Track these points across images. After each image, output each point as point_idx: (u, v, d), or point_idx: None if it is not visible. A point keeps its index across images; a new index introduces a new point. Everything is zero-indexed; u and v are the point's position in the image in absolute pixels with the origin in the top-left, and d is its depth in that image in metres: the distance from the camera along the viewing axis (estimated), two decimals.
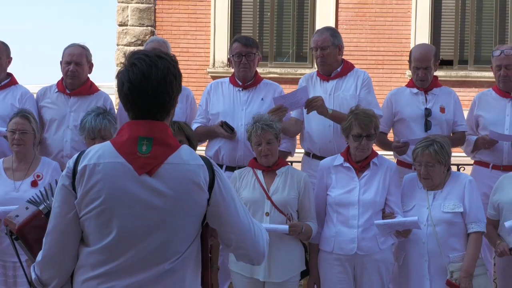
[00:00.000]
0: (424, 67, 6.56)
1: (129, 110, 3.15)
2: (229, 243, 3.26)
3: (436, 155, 5.52)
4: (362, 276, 5.66)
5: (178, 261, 3.09)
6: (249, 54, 6.47)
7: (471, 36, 14.87)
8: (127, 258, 3.05)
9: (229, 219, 3.19)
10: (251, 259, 3.32)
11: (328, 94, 6.48)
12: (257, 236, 3.26)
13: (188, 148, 3.17)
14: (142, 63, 3.06)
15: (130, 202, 3.04)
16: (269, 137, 5.62)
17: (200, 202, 3.11)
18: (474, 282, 5.45)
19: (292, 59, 15.07)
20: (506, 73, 6.54)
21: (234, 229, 3.21)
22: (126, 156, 3.06)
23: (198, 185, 3.08)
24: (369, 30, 14.76)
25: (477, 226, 5.56)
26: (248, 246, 3.25)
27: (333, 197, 5.71)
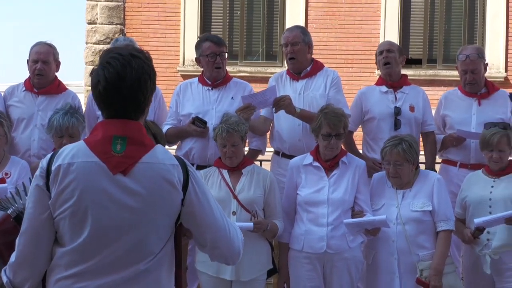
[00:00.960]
0: (387, 49, 6.65)
1: (103, 109, 3.13)
2: (204, 243, 3.26)
3: (405, 154, 5.55)
4: (332, 274, 5.67)
5: (152, 262, 3.08)
6: (222, 54, 6.46)
7: (440, 35, 14.97)
8: (101, 258, 3.04)
9: (204, 219, 3.18)
10: (226, 259, 3.32)
11: (297, 93, 6.49)
12: (232, 236, 3.26)
13: (162, 148, 3.16)
14: (117, 63, 3.05)
15: (104, 202, 3.02)
16: (234, 139, 5.63)
17: (174, 202, 3.10)
18: (444, 280, 5.49)
19: (262, 58, 15.09)
20: (473, 77, 6.58)
21: (209, 229, 3.20)
22: (100, 155, 3.04)
23: (172, 184, 3.07)
24: (338, 29, 14.81)
25: (446, 224, 5.60)
26: (224, 246, 3.25)
27: (302, 196, 5.72)
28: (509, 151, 5.76)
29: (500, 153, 5.68)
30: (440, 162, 6.89)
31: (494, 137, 5.67)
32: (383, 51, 6.67)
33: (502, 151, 5.69)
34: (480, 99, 6.64)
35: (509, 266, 5.63)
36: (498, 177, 5.75)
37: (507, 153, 5.74)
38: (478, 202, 5.70)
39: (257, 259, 5.64)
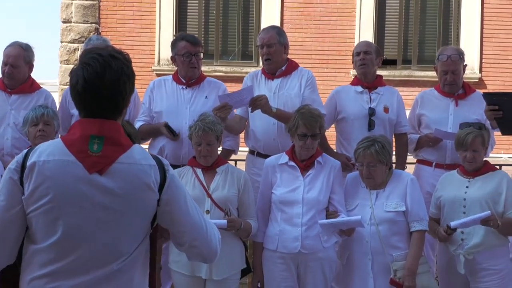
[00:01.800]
0: (364, 51, 6.65)
1: (81, 109, 3.11)
2: (182, 242, 3.25)
3: (378, 155, 5.56)
4: (306, 274, 5.67)
5: (126, 262, 3.07)
6: (197, 54, 6.45)
7: (415, 36, 15.04)
8: (75, 257, 3.02)
9: (182, 219, 3.18)
10: (204, 257, 3.33)
11: (272, 92, 6.49)
12: (210, 235, 3.26)
13: (140, 148, 3.15)
14: (96, 63, 3.04)
15: (78, 201, 3.01)
16: (210, 138, 5.63)
17: (150, 203, 3.09)
18: (418, 280, 5.50)
19: (238, 57, 15.10)
20: (453, 78, 6.60)
21: (187, 229, 3.20)
22: (77, 155, 3.03)
23: (148, 185, 3.06)
24: (313, 30, 14.84)
25: (419, 224, 5.61)
26: (201, 244, 3.25)
27: (277, 195, 5.72)
28: (483, 151, 5.78)
29: (474, 153, 5.70)
30: (415, 162, 6.91)
31: (468, 137, 5.69)
32: (361, 52, 6.68)
33: (476, 151, 5.71)
34: (457, 100, 6.67)
35: (483, 266, 5.64)
36: (473, 177, 5.77)
37: (481, 153, 5.76)
38: (452, 202, 5.72)
39: (231, 259, 5.63)
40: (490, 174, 5.80)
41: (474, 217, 5.51)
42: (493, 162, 6.25)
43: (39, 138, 5.87)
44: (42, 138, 5.79)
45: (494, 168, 5.90)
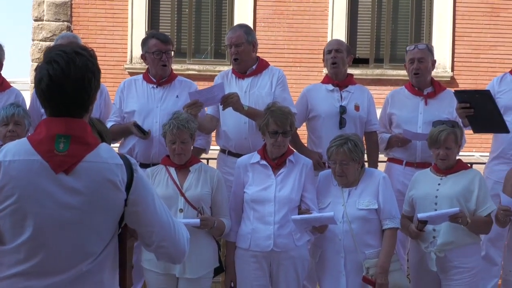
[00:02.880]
0: (335, 49, 6.66)
1: (46, 107, 3.07)
2: (149, 242, 3.23)
3: (350, 153, 5.57)
4: (278, 273, 5.67)
5: (95, 263, 3.04)
6: (168, 52, 6.43)
7: (387, 35, 15.10)
8: (43, 258, 2.99)
9: (149, 219, 3.15)
10: (172, 258, 3.30)
11: (243, 91, 6.48)
12: (178, 235, 3.24)
13: (107, 147, 3.12)
14: (60, 60, 3.00)
15: (45, 201, 2.97)
16: (184, 136, 5.62)
17: (117, 202, 3.06)
18: (390, 278, 5.51)
19: (211, 56, 15.08)
20: (419, 67, 6.61)
21: (154, 229, 3.17)
22: (43, 154, 2.99)
23: (114, 184, 3.03)
24: (286, 28, 14.85)
25: (391, 222, 5.63)
26: (169, 245, 3.22)
27: (249, 194, 5.72)
28: (456, 149, 5.79)
29: (447, 150, 5.72)
30: (386, 160, 6.93)
31: (441, 134, 5.71)
32: (332, 50, 6.69)
33: (449, 149, 5.72)
34: (427, 98, 6.68)
35: (454, 264, 5.65)
36: (446, 175, 5.79)
37: (454, 151, 5.78)
38: (424, 198, 5.74)
39: (204, 257, 5.63)
40: (463, 172, 5.81)
41: (442, 212, 5.53)
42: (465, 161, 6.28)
43: (9, 138, 5.84)
44: (12, 138, 5.75)
45: (466, 167, 5.92)
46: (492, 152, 6.71)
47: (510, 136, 6.39)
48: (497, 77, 6.79)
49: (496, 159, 6.62)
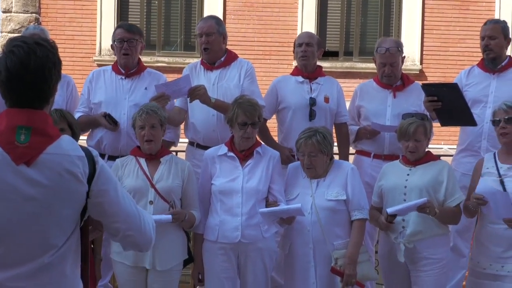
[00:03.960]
0: (306, 43, 6.67)
1: (6, 98, 3.05)
2: (116, 232, 3.21)
3: (319, 145, 5.59)
4: (246, 264, 5.68)
5: (56, 255, 3.02)
6: (131, 40, 6.40)
7: (357, 28, 15.13)
8: (5, 249, 2.96)
9: (114, 210, 3.14)
10: (139, 246, 3.30)
11: (211, 83, 6.48)
12: (144, 223, 3.24)
13: (69, 138, 3.09)
14: (20, 51, 2.97)
15: (6, 193, 2.94)
16: (153, 121, 5.60)
17: (78, 194, 3.04)
18: (358, 269, 5.54)
19: (180, 48, 15.03)
20: (391, 70, 6.63)
21: (120, 219, 3.17)
22: (4, 145, 2.96)
23: (76, 176, 3.01)
24: (256, 21, 14.84)
25: (360, 213, 5.66)
26: (136, 234, 3.22)
27: (217, 186, 5.71)
28: (425, 142, 5.83)
29: (416, 143, 5.75)
30: (354, 152, 6.95)
31: (411, 127, 5.74)
32: (303, 43, 6.69)
33: (418, 141, 5.75)
34: (395, 91, 6.70)
35: (423, 255, 5.68)
36: (414, 166, 5.82)
37: (424, 143, 5.81)
38: (393, 189, 5.76)
39: (173, 249, 5.63)
40: (432, 163, 5.85)
41: (411, 203, 5.57)
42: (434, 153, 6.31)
43: None
44: None
45: (435, 158, 5.95)
46: (460, 145, 6.75)
47: (478, 128, 6.44)
48: (464, 70, 6.82)
49: (463, 152, 6.65)
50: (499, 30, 6.57)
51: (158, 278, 5.60)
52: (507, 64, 6.62)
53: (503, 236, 5.63)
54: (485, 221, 5.75)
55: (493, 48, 6.54)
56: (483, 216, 5.75)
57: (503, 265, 5.64)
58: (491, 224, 5.70)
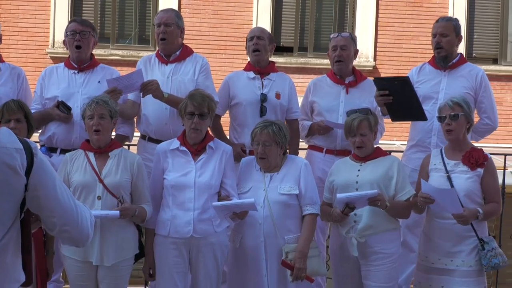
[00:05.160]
0: (257, 36, 6.70)
1: None
2: (52, 227, 3.18)
3: (274, 135, 5.62)
4: (197, 259, 5.68)
5: None
6: (83, 32, 6.38)
7: (311, 24, 15.18)
8: None
9: (50, 204, 3.10)
10: (75, 241, 3.27)
11: (166, 77, 6.47)
12: (81, 219, 3.21)
13: (6, 131, 3.05)
14: None
15: None
16: (102, 111, 5.57)
17: (17, 187, 3.01)
18: (308, 264, 5.56)
19: (135, 41, 14.96)
20: (341, 54, 6.66)
21: (56, 213, 3.13)
22: None
23: (14, 169, 2.97)
24: (211, 15, 14.81)
25: (312, 208, 5.69)
26: (72, 229, 3.19)
27: (169, 180, 5.70)
28: (371, 136, 5.86)
29: (362, 137, 5.79)
30: (306, 148, 6.98)
31: (354, 122, 5.78)
32: (254, 37, 6.71)
33: (364, 135, 5.79)
34: (348, 87, 6.74)
35: (374, 250, 5.73)
36: (364, 161, 5.87)
37: (370, 138, 5.84)
38: (345, 185, 5.79)
39: (123, 244, 5.60)
40: (381, 158, 5.90)
41: (361, 193, 5.60)
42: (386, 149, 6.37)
43: None
44: None
45: (385, 153, 6.00)
46: (410, 141, 6.80)
47: (428, 124, 6.50)
48: (416, 67, 6.88)
49: (414, 148, 6.71)
50: (451, 28, 6.63)
51: (108, 273, 5.57)
52: (458, 62, 6.70)
53: (451, 231, 5.71)
54: (433, 216, 5.83)
55: (444, 46, 6.60)
56: (430, 211, 5.82)
57: (452, 259, 5.73)
58: (439, 219, 5.78)
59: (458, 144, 5.84)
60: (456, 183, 5.73)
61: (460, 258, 5.71)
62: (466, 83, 6.60)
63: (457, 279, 5.70)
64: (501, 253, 5.73)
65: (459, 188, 5.72)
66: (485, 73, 6.84)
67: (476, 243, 5.69)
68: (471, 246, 5.71)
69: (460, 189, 5.72)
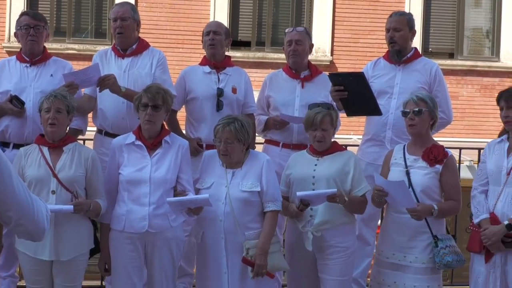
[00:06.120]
0: (214, 31, 6.69)
1: None
2: (8, 221, 3.16)
3: (236, 132, 5.61)
4: (153, 254, 5.67)
5: None
6: (37, 27, 6.34)
7: (269, 18, 15.20)
8: None
9: (6, 198, 3.08)
10: (31, 236, 3.25)
11: (123, 71, 6.45)
12: (37, 213, 3.19)
13: None
14: None
15: None
16: (59, 106, 5.53)
17: None
18: (269, 259, 5.57)
19: (91, 35, 14.88)
20: (296, 48, 6.69)
21: (11, 207, 3.11)
22: None
23: None
24: (169, 9, 14.78)
25: (273, 205, 5.69)
26: (28, 223, 3.17)
27: (124, 175, 5.68)
28: (332, 131, 5.89)
29: (323, 132, 5.80)
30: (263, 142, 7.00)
31: (317, 116, 5.79)
32: (210, 32, 6.71)
33: (325, 130, 5.81)
34: (303, 82, 6.77)
35: (330, 243, 5.75)
36: (322, 156, 5.88)
37: (330, 133, 5.87)
38: (301, 179, 5.82)
39: (78, 239, 5.57)
40: (338, 153, 5.92)
41: (321, 191, 5.63)
42: (343, 143, 6.41)
43: None
44: None
45: (342, 148, 6.03)
46: (365, 135, 6.84)
47: (383, 119, 6.54)
48: (371, 62, 6.91)
49: (369, 142, 6.74)
50: (404, 22, 6.66)
51: (63, 268, 5.54)
52: (412, 56, 6.73)
53: (406, 226, 5.74)
54: (390, 210, 5.87)
55: (398, 40, 6.63)
56: (389, 205, 5.87)
57: (405, 255, 5.76)
58: (395, 213, 5.81)
59: (420, 140, 5.87)
60: (413, 179, 5.77)
61: (413, 255, 5.74)
62: (420, 77, 6.65)
63: (410, 276, 5.73)
64: (457, 252, 5.74)
65: (416, 184, 5.76)
66: (442, 67, 6.90)
67: (430, 240, 5.72)
68: (425, 242, 5.74)
69: (417, 184, 5.76)
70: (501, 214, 5.69)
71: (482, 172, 5.91)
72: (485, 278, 5.74)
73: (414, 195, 5.71)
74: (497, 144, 5.88)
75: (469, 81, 15.61)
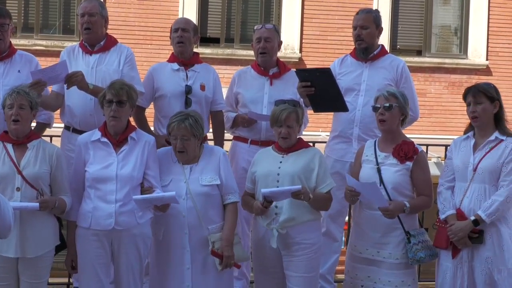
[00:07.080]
0: (182, 28, 6.67)
1: None
2: None
3: (192, 129, 5.63)
4: (120, 251, 5.66)
5: None
6: (3, 25, 6.29)
7: (238, 15, 15.21)
8: None
9: None
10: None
11: (90, 67, 6.42)
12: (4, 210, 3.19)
13: None
14: None
15: None
16: (22, 101, 5.51)
17: None
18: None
19: (59, 31, 14.79)
20: (265, 46, 6.71)
21: None
22: None
23: None
24: (137, 5, 14.74)
25: (233, 196, 5.78)
26: None
27: (90, 172, 5.66)
28: (297, 128, 5.90)
29: (288, 129, 5.82)
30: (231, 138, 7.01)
31: (283, 113, 5.81)
32: (179, 29, 6.69)
33: (290, 127, 5.82)
34: (272, 79, 6.79)
35: (296, 240, 5.77)
36: (287, 153, 5.90)
37: (295, 129, 5.88)
38: (266, 176, 5.83)
39: (44, 235, 5.56)
40: (303, 150, 5.94)
41: (285, 188, 5.65)
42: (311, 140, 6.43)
43: None
44: None
45: (307, 145, 6.04)
46: (333, 131, 6.86)
47: (350, 116, 6.56)
48: (338, 59, 6.92)
49: (337, 138, 6.76)
50: (371, 20, 6.69)
51: (28, 266, 5.52)
52: (379, 53, 6.76)
53: (379, 222, 5.78)
54: (363, 206, 5.91)
55: (365, 38, 6.65)
56: (361, 201, 5.89)
57: (378, 251, 5.81)
58: (368, 210, 5.86)
59: (391, 136, 5.90)
60: (384, 176, 5.81)
61: (387, 250, 5.80)
62: (387, 74, 6.67)
63: (385, 271, 5.78)
64: (430, 247, 5.81)
65: (387, 181, 5.80)
66: (410, 65, 6.95)
67: (403, 235, 5.77)
68: (398, 238, 5.79)
69: (388, 181, 5.80)
70: (467, 210, 5.73)
71: (448, 169, 5.95)
72: (453, 273, 5.78)
73: (385, 192, 5.76)
74: (463, 140, 5.93)
75: (437, 78, 15.71)
